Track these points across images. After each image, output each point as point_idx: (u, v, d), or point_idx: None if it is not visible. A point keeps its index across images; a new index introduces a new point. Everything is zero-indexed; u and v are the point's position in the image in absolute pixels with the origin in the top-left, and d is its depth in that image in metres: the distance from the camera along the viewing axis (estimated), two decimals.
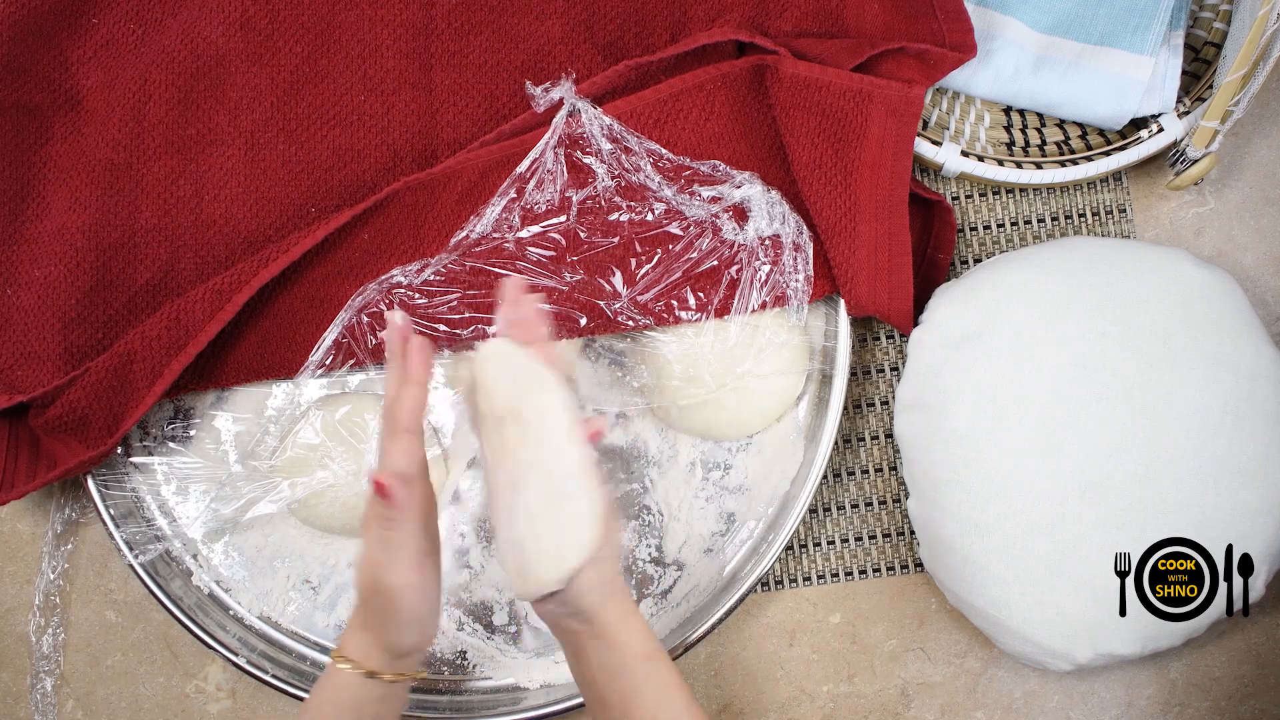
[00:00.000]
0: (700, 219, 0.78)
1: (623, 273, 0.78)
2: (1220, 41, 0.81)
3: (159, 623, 0.82)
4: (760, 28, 0.80)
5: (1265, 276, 0.83)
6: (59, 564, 0.81)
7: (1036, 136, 0.83)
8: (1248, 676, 0.80)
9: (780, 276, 0.78)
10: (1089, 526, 0.71)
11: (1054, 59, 0.80)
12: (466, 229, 0.78)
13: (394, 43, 0.80)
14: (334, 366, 0.78)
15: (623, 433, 0.80)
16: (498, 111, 0.80)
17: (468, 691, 0.79)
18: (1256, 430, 0.72)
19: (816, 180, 0.77)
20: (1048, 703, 0.81)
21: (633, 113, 0.78)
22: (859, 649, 0.81)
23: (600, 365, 0.80)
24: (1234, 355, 0.73)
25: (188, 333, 0.75)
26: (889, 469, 0.83)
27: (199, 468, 0.79)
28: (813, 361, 0.80)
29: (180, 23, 0.80)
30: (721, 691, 0.81)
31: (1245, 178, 0.84)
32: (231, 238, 0.79)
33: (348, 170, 0.80)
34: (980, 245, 0.84)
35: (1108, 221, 0.83)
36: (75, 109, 0.79)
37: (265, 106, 0.80)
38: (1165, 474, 0.71)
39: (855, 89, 0.75)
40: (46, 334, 0.77)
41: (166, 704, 0.82)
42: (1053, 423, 0.72)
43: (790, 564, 0.82)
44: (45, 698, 0.81)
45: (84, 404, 0.75)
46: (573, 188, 0.78)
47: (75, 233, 0.78)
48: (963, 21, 0.77)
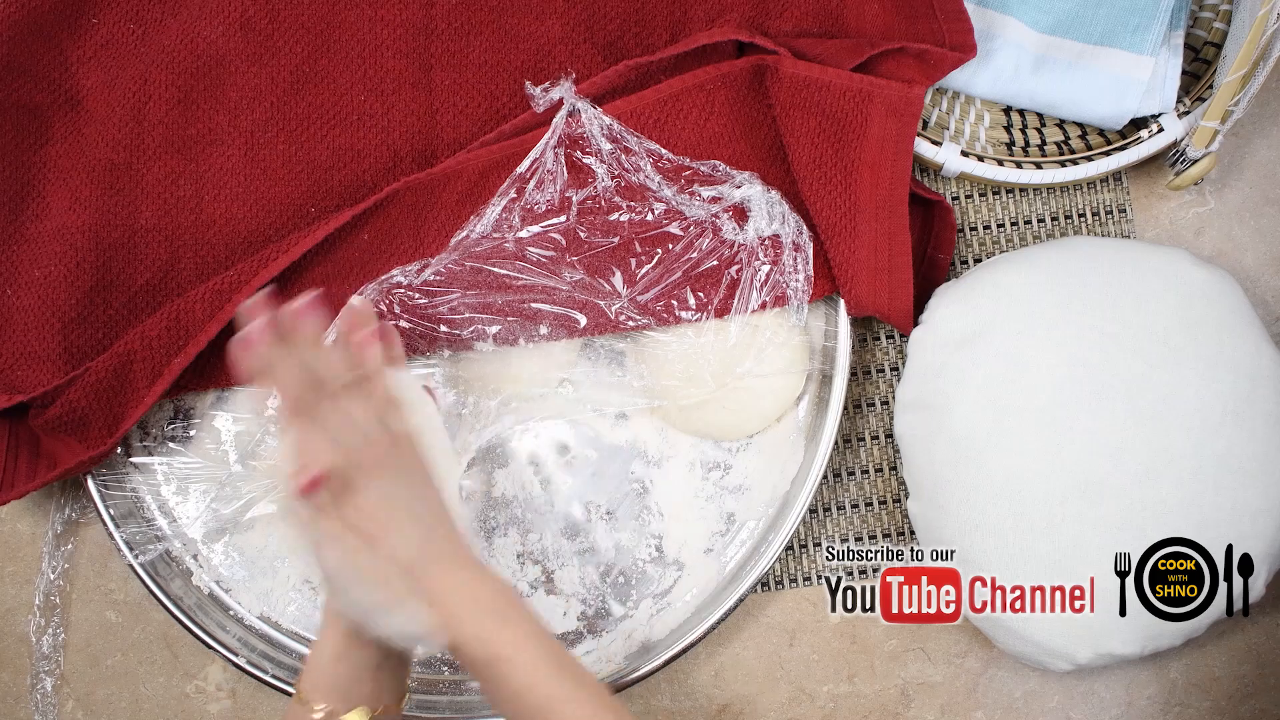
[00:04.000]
0: (700, 219, 0.78)
1: (623, 273, 0.78)
2: (1220, 41, 0.81)
3: (159, 623, 0.82)
4: (760, 28, 0.80)
5: (1265, 276, 0.83)
6: (59, 564, 0.81)
7: (1036, 136, 0.83)
8: (1248, 676, 0.80)
9: (780, 276, 0.78)
10: (1089, 526, 0.71)
11: (1054, 59, 0.80)
12: (466, 229, 0.78)
13: (394, 43, 0.81)
14: None
15: (623, 433, 0.80)
16: (498, 111, 0.80)
17: (468, 691, 0.79)
18: (1256, 430, 0.72)
19: (816, 180, 0.77)
20: (1048, 703, 0.81)
21: (633, 113, 0.78)
22: (859, 649, 0.81)
23: (600, 365, 0.80)
24: (1234, 355, 0.73)
25: (188, 333, 0.75)
26: (889, 469, 0.83)
27: (199, 468, 0.79)
28: (813, 361, 0.80)
29: (180, 23, 0.80)
30: (721, 691, 0.81)
31: (1245, 178, 0.84)
32: (231, 238, 0.79)
33: (348, 170, 0.80)
34: (980, 245, 0.84)
35: (1108, 221, 0.83)
36: (75, 109, 0.79)
37: (265, 106, 0.80)
38: (1165, 474, 0.71)
39: (855, 89, 0.75)
40: (46, 334, 0.77)
41: (166, 704, 0.82)
42: (1053, 423, 0.72)
43: (790, 564, 0.82)
44: (45, 698, 0.81)
45: (84, 404, 0.75)
46: (573, 188, 0.78)
47: (75, 233, 0.78)
48: (963, 21, 0.77)
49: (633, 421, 0.81)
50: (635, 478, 0.80)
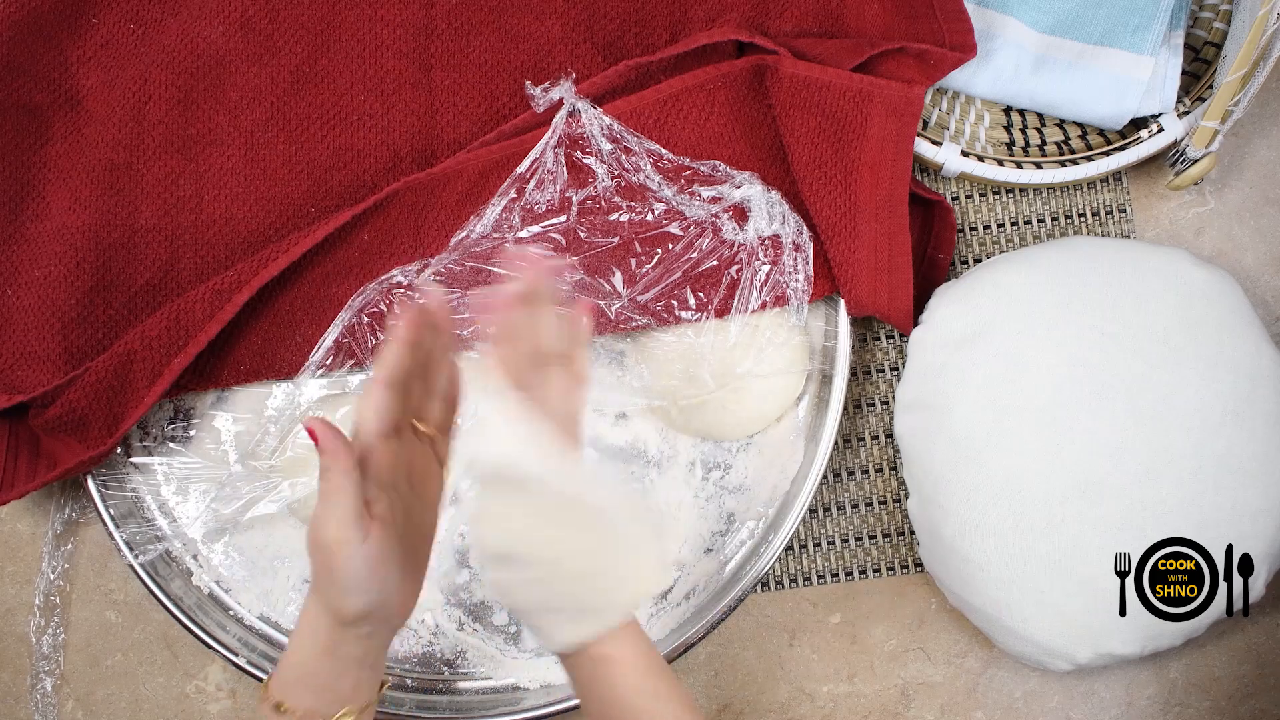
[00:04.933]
0: (700, 219, 0.78)
1: (623, 273, 0.78)
2: (1220, 41, 0.81)
3: (159, 623, 0.82)
4: (760, 28, 0.80)
5: (1265, 276, 0.83)
6: (59, 564, 0.81)
7: (1036, 136, 0.83)
8: (1248, 676, 0.80)
9: (780, 276, 0.78)
10: (1089, 526, 0.71)
11: (1054, 59, 0.80)
12: (466, 229, 0.78)
13: (394, 43, 0.81)
14: (334, 367, 0.78)
15: (623, 433, 0.80)
16: (498, 111, 0.80)
17: (468, 691, 0.79)
18: (1256, 430, 0.72)
19: (816, 180, 0.77)
20: (1048, 703, 0.81)
21: (633, 113, 0.78)
22: (859, 649, 0.81)
23: (600, 365, 0.80)
24: (1234, 355, 0.73)
25: (188, 333, 0.75)
26: (889, 469, 0.83)
27: (199, 468, 0.79)
28: (813, 361, 0.80)
29: (180, 23, 0.80)
30: (721, 691, 0.81)
31: (1245, 178, 0.84)
32: (231, 238, 0.79)
33: (348, 170, 0.80)
34: (980, 245, 0.84)
35: (1108, 221, 0.83)
36: (75, 109, 0.79)
37: (265, 106, 0.80)
38: (1165, 474, 0.71)
39: (855, 89, 0.75)
40: (46, 334, 0.77)
41: (166, 704, 0.82)
42: (1053, 423, 0.72)
43: (790, 564, 0.82)
44: (45, 698, 0.81)
45: (84, 404, 0.75)
46: (573, 188, 0.78)
47: (75, 233, 0.78)
48: (963, 21, 0.77)
49: (633, 421, 0.81)
50: (635, 477, 0.80)
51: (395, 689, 0.79)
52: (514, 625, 0.80)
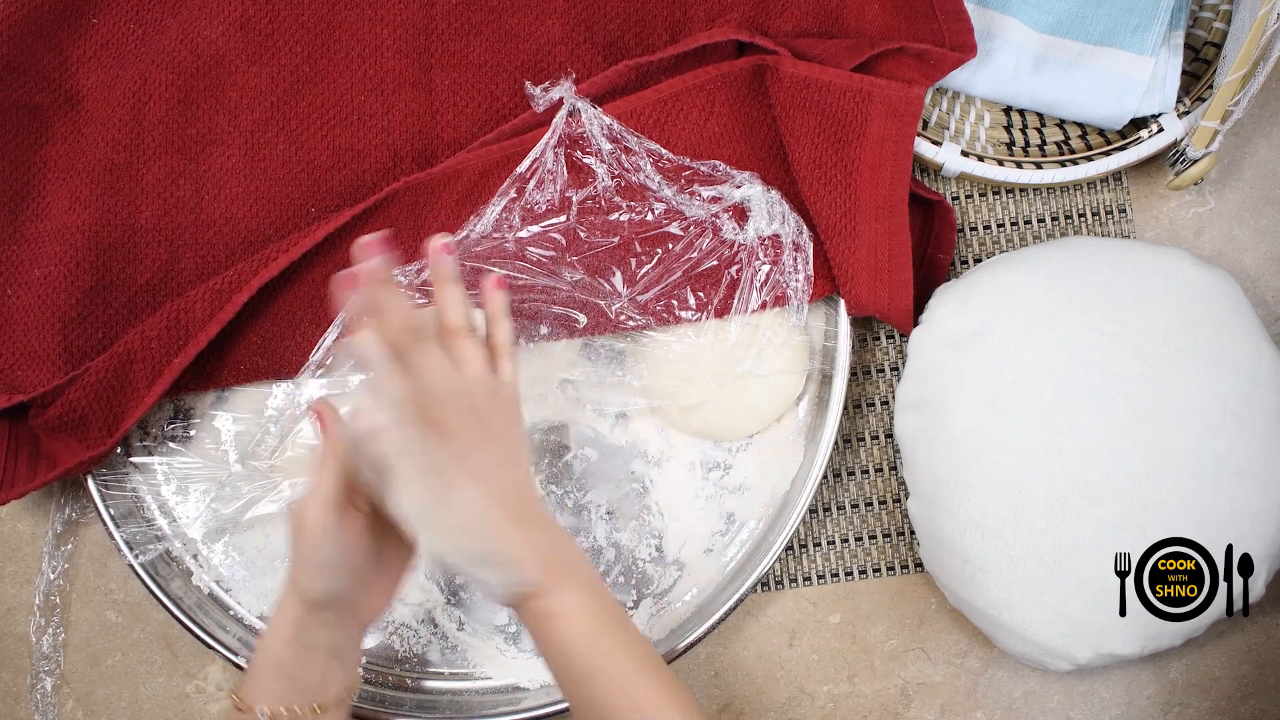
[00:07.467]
0: (700, 219, 0.78)
1: (623, 273, 0.78)
2: (1220, 41, 0.81)
3: (159, 623, 0.82)
4: (760, 28, 0.80)
5: (1265, 276, 0.83)
6: (59, 564, 0.81)
7: (1036, 136, 0.83)
8: (1248, 676, 0.80)
9: (780, 276, 0.78)
10: (1089, 526, 0.71)
11: (1054, 59, 0.80)
12: (466, 229, 0.78)
13: (394, 42, 0.81)
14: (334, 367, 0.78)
15: (623, 433, 0.80)
16: (498, 111, 0.81)
17: (468, 692, 0.79)
18: (1256, 430, 0.72)
19: (816, 180, 0.77)
20: (1048, 703, 0.81)
21: (633, 113, 0.78)
22: (859, 649, 0.81)
23: (600, 365, 0.80)
24: (1234, 355, 0.73)
25: (188, 333, 0.75)
26: (889, 469, 0.83)
27: (199, 468, 0.79)
28: (813, 361, 0.80)
29: (180, 23, 0.80)
30: (721, 691, 0.81)
31: (1245, 178, 0.84)
32: (231, 238, 0.79)
33: (348, 170, 0.80)
34: (980, 245, 0.84)
35: (1108, 221, 0.83)
36: (75, 109, 0.79)
37: (265, 106, 0.80)
38: (1165, 474, 0.71)
39: (855, 89, 0.75)
40: (46, 334, 0.77)
41: (166, 704, 0.82)
42: (1053, 423, 0.72)
43: (790, 564, 0.82)
44: (45, 698, 0.81)
45: (84, 404, 0.75)
46: (573, 188, 0.78)
47: (75, 233, 0.78)
48: (963, 21, 0.77)
49: (633, 421, 0.81)
50: (635, 477, 0.80)
51: (395, 688, 0.79)
52: (513, 625, 0.80)
